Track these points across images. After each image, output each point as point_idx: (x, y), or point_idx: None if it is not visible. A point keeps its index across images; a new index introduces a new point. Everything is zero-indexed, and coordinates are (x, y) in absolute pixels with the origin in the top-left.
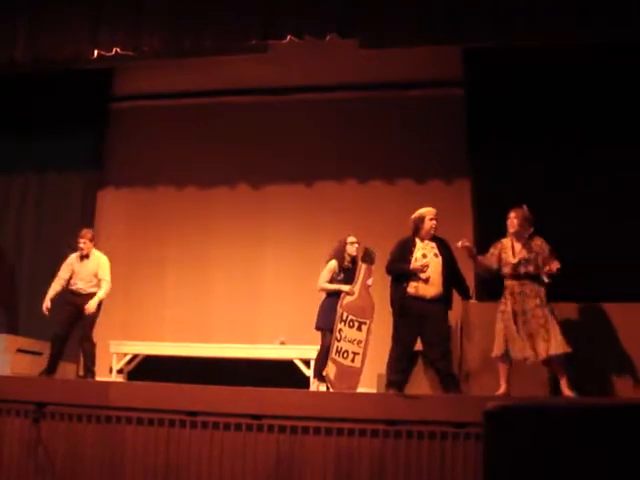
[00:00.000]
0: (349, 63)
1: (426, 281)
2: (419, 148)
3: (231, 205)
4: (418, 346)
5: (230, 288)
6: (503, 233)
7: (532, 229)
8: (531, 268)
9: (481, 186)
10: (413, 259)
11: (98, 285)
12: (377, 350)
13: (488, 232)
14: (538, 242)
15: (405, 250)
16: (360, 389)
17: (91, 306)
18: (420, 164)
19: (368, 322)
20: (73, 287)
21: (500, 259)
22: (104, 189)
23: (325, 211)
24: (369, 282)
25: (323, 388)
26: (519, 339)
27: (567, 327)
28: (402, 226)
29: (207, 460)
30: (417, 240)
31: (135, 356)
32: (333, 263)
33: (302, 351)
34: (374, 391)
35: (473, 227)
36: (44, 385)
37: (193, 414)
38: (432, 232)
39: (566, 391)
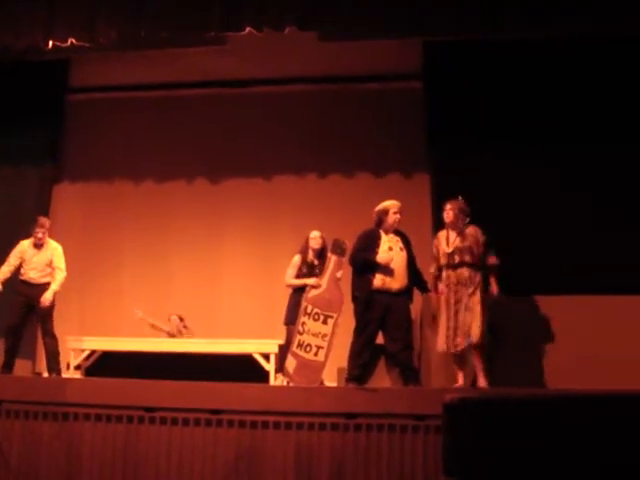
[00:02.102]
0: (309, 56)
1: (392, 274)
2: (379, 142)
3: (189, 199)
4: (379, 339)
5: (189, 283)
6: None
7: (468, 219)
8: (467, 257)
9: (440, 181)
10: (380, 251)
11: (51, 275)
12: (338, 343)
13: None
14: (472, 231)
15: (371, 242)
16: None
17: (46, 298)
18: (380, 158)
19: (335, 315)
20: (24, 277)
21: (438, 251)
22: (60, 183)
23: (285, 205)
24: (338, 274)
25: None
26: (443, 330)
27: (524, 321)
28: (361, 220)
29: (166, 456)
30: (382, 233)
31: (93, 352)
32: (296, 258)
33: (261, 345)
34: (335, 384)
35: (432, 222)
36: None
37: (151, 410)
38: (395, 225)
39: (480, 382)
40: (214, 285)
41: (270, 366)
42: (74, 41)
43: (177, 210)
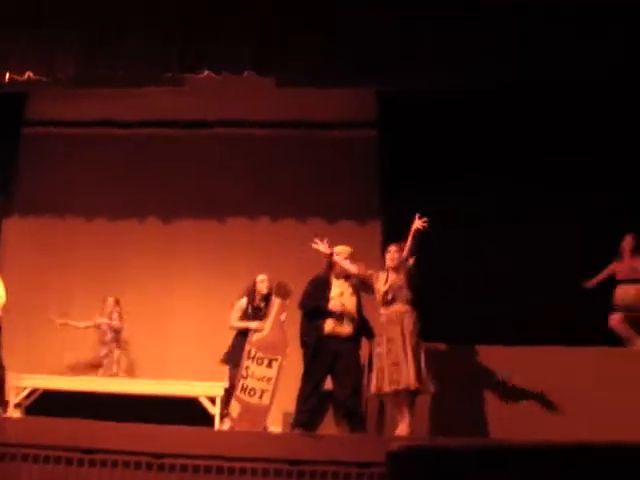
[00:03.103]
0: (266, 100)
1: (341, 320)
2: (332, 188)
3: (141, 238)
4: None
5: (137, 322)
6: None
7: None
8: (401, 293)
9: (392, 227)
10: (331, 297)
11: None
12: (284, 388)
13: None
14: (408, 266)
15: (322, 287)
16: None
17: None
18: (333, 204)
19: (279, 358)
20: None
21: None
22: (10, 217)
23: (237, 248)
24: (282, 317)
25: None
26: (374, 371)
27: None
28: (313, 265)
29: None
30: (332, 278)
31: (34, 390)
32: (243, 301)
33: (208, 388)
34: (279, 430)
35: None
36: None
37: (91, 452)
38: (345, 271)
39: (401, 429)
40: (163, 326)
41: (215, 409)
42: (31, 75)
43: (128, 249)
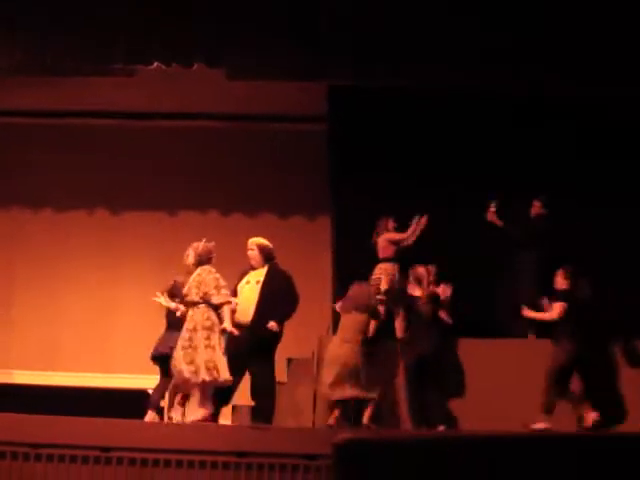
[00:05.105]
0: (216, 93)
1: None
2: (283, 182)
3: (88, 230)
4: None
5: (83, 315)
6: (361, 270)
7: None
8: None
9: (341, 223)
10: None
11: None
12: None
13: (345, 269)
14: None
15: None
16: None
17: None
18: (283, 199)
19: None
20: None
21: None
22: None
23: (186, 241)
24: None
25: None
26: None
27: None
28: None
29: None
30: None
31: None
32: None
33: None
34: (228, 422)
35: (332, 263)
36: None
37: (37, 446)
38: (251, 262)
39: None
40: (108, 319)
41: (164, 402)
42: None
43: (75, 241)
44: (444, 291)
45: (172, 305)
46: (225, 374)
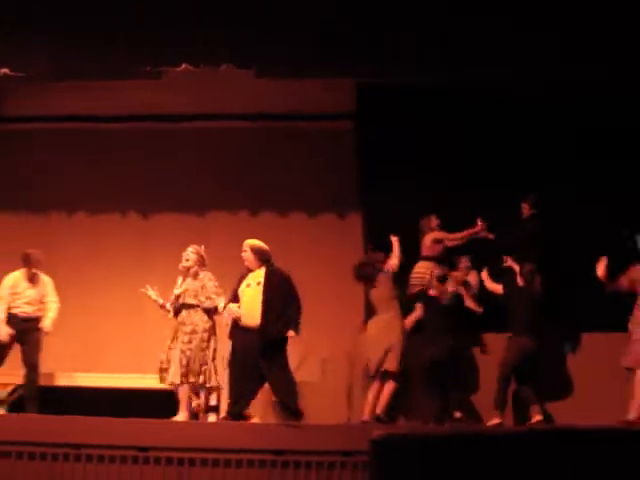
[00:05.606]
0: (244, 93)
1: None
2: (312, 181)
3: (120, 232)
4: None
5: (119, 317)
6: None
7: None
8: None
9: (372, 220)
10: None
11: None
12: None
13: None
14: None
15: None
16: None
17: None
18: (313, 197)
19: None
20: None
21: None
22: None
23: (217, 242)
24: None
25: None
26: None
27: None
28: (295, 258)
29: None
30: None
31: (18, 386)
32: None
33: None
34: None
35: None
36: None
37: (77, 447)
38: (246, 263)
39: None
40: (141, 319)
41: (200, 402)
42: (7, 71)
43: (107, 243)
44: (474, 279)
45: (160, 301)
46: (214, 379)
